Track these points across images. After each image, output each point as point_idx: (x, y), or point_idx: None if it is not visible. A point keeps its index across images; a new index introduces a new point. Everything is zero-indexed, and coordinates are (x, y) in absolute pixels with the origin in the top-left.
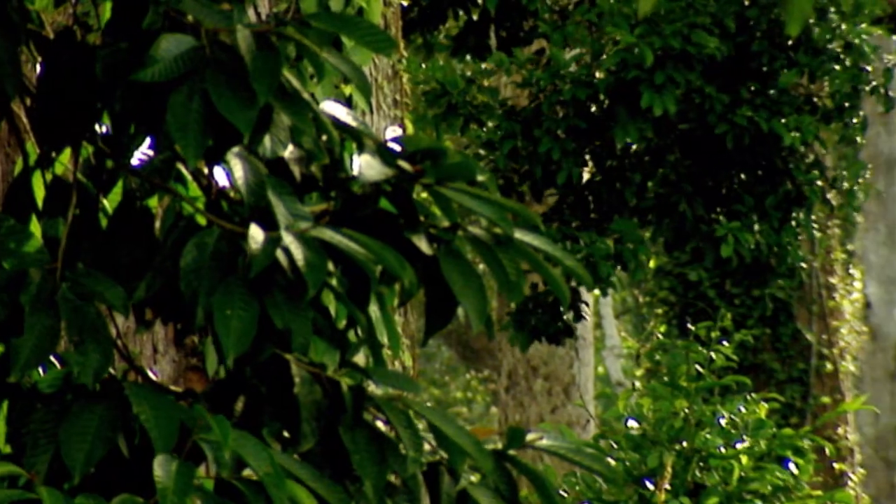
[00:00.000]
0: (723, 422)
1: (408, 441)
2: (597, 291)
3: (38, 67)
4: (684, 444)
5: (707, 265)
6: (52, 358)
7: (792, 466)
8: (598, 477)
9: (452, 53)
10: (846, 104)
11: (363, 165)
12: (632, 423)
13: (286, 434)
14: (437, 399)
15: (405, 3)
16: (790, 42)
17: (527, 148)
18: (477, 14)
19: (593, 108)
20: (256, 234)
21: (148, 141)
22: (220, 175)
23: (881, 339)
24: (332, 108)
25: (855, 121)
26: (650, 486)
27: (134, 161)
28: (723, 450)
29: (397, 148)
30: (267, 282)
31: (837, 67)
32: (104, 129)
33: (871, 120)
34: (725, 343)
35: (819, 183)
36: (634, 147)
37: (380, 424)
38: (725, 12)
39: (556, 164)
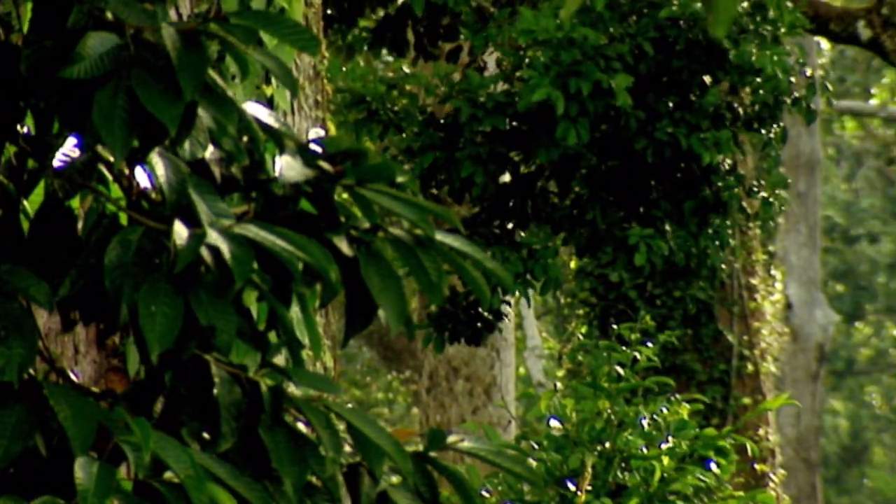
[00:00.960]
0: (645, 423)
1: (327, 442)
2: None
3: None
4: (606, 444)
5: (620, 270)
6: None
7: (714, 467)
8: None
9: (370, 47)
10: (766, 115)
11: (284, 166)
12: (554, 423)
13: (206, 434)
14: (358, 400)
15: None
16: (710, 59)
17: (445, 157)
18: (394, 9)
19: (514, 123)
20: (181, 230)
21: (71, 142)
22: (140, 176)
23: (802, 340)
24: (253, 108)
25: (774, 132)
26: (572, 487)
27: (56, 162)
28: (645, 450)
29: (318, 149)
30: (191, 279)
31: (759, 80)
32: (26, 129)
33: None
34: (650, 344)
35: (736, 190)
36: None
37: (301, 426)
38: (644, 34)
39: (471, 177)
